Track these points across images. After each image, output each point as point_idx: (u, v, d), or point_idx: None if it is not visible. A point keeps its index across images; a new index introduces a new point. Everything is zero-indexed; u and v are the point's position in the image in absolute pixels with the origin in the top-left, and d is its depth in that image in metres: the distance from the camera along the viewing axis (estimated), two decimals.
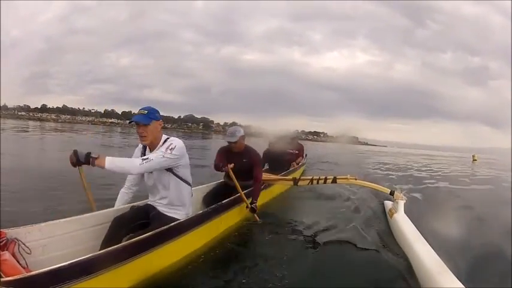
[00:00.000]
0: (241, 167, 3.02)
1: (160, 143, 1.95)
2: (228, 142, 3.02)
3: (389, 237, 2.78)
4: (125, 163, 1.76)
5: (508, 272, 2.18)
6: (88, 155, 1.67)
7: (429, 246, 2.17)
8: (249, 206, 2.89)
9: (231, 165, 2.84)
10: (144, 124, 1.86)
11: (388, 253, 2.43)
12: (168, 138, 1.98)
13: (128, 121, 1.98)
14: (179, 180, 1.99)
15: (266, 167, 5.00)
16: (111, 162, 1.67)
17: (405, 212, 2.98)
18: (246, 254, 2.32)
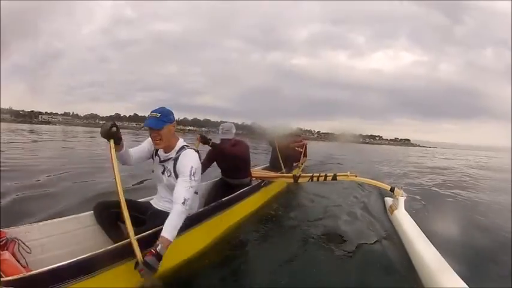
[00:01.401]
0: (233, 163, 3.02)
1: (176, 148, 1.92)
2: (223, 139, 2.96)
3: (389, 234, 2.78)
4: (178, 221, 1.69)
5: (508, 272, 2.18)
6: (158, 256, 1.54)
7: (430, 243, 2.16)
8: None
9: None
10: (157, 129, 1.83)
11: (388, 250, 2.43)
12: (183, 147, 1.92)
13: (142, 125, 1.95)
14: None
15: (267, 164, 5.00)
16: (172, 233, 1.63)
17: (405, 209, 2.98)
18: (247, 252, 2.33)
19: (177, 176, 1.85)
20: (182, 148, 1.93)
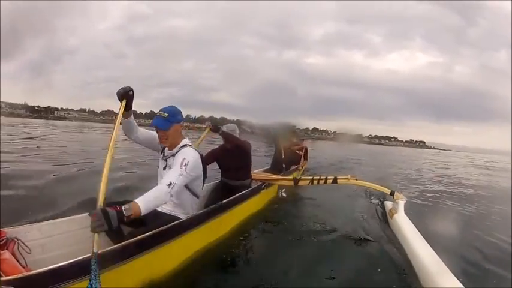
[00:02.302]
0: (236, 164, 3.04)
1: (178, 146, 1.94)
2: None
3: (389, 237, 2.78)
4: (157, 199, 1.60)
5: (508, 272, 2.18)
6: (119, 214, 1.40)
7: (429, 246, 2.17)
8: None
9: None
10: (163, 129, 1.84)
11: (388, 253, 2.43)
12: (185, 146, 1.94)
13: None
14: (188, 192, 1.99)
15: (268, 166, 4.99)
16: (145, 206, 1.50)
17: (405, 213, 2.98)
18: (247, 253, 2.32)
19: None
20: (183, 146, 1.95)
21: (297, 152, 5.45)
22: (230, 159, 3.03)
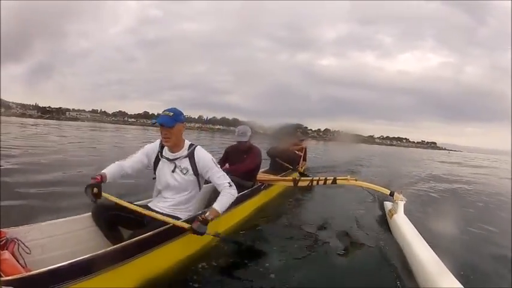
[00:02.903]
0: (243, 165, 3.10)
1: (185, 147, 2.00)
2: (239, 142, 3.09)
3: (388, 238, 2.78)
4: (229, 199, 1.97)
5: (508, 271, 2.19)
6: (206, 221, 1.80)
7: (429, 247, 2.17)
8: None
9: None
10: (168, 127, 1.87)
11: (387, 254, 2.43)
12: (192, 145, 2.02)
13: (153, 121, 1.99)
14: (198, 186, 2.05)
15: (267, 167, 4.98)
16: (222, 207, 1.92)
17: (405, 213, 2.98)
18: (249, 253, 2.32)
19: (195, 173, 1.99)
20: (191, 145, 2.02)
21: (296, 152, 5.44)
22: (239, 159, 3.12)
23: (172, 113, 1.89)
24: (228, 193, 1.96)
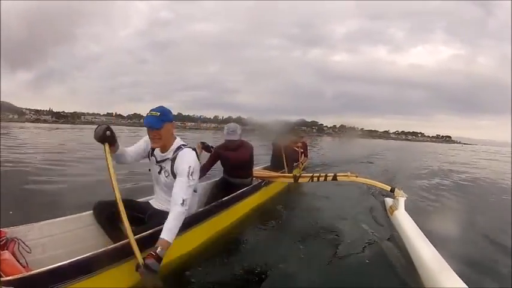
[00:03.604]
0: (238, 164, 3.06)
1: (172, 148, 1.90)
2: (229, 140, 2.96)
3: (389, 234, 2.78)
4: (177, 223, 1.70)
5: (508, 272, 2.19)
6: (159, 260, 1.54)
7: (430, 243, 2.16)
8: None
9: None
10: (156, 128, 1.80)
11: (388, 251, 2.43)
12: (180, 147, 1.90)
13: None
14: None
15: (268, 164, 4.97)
16: (171, 236, 1.64)
17: (406, 209, 2.97)
18: (247, 251, 2.33)
19: (175, 176, 1.84)
20: (179, 148, 1.90)
21: (296, 148, 5.41)
22: (232, 157, 3.03)
23: (159, 113, 1.80)
24: (176, 213, 1.70)
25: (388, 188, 3.27)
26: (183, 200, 1.72)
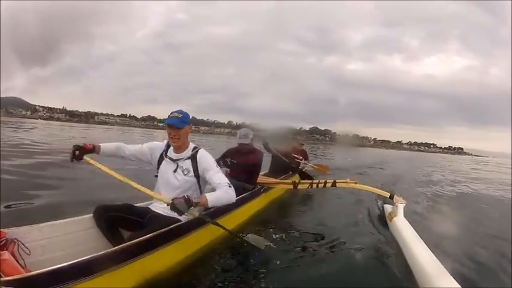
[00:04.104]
0: (244, 165, 3.15)
1: (189, 149, 2.06)
2: (240, 144, 3.12)
3: (388, 240, 2.78)
4: (223, 196, 1.93)
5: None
6: (190, 202, 1.74)
7: (428, 249, 2.17)
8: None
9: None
10: (177, 127, 1.93)
11: (387, 257, 2.43)
12: (196, 147, 2.08)
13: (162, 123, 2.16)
14: (198, 188, 2.07)
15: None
16: (213, 200, 1.87)
17: (405, 216, 2.98)
18: (250, 255, 2.32)
19: (196, 174, 2.02)
20: (195, 148, 2.08)
21: (295, 156, 5.41)
22: (241, 160, 3.16)
23: (181, 115, 1.96)
24: (226, 191, 1.93)
25: (388, 194, 3.29)
26: (229, 184, 1.96)
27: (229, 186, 1.96)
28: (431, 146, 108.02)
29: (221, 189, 1.93)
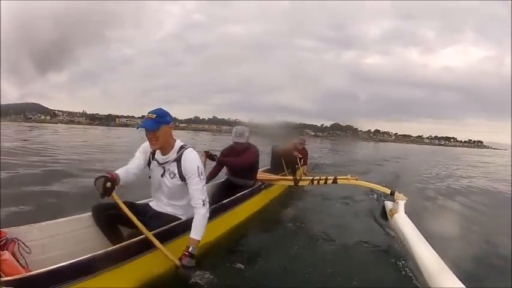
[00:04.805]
0: (241, 166, 3.09)
1: (175, 150, 1.90)
2: (236, 142, 3.05)
3: (389, 237, 2.78)
4: (203, 222, 1.85)
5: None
6: (193, 255, 1.75)
7: (430, 246, 2.16)
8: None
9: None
10: (152, 130, 1.80)
11: (388, 253, 2.43)
12: (183, 147, 1.92)
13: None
14: (187, 189, 1.96)
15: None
16: (200, 234, 1.82)
17: (405, 212, 2.97)
18: (247, 253, 2.32)
19: (181, 177, 1.88)
20: (181, 148, 1.91)
21: (295, 154, 5.32)
22: (237, 161, 3.09)
23: (155, 115, 1.81)
24: (200, 215, 1.83)
25: (388, 191, 3.28)
26: (203, 201, 1.85)
27: (203, 204, 1.85)
28: (452, 140, 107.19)
29: (196, 216, 1.84)
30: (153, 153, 1.97)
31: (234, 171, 3.21)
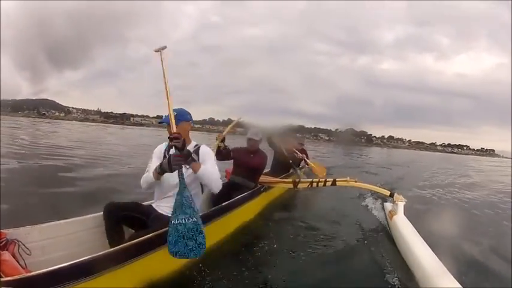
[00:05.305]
0: (249, 165, 3.22)
1: (191, 145, 2.04)
2: (250, 139, 3.23)
3: (388, 239, 2.78)
4: (212, 174, 1.91)
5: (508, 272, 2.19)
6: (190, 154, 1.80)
7: (429, 248, 2.17)
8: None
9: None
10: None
11: (387, 255, 2.43)
12: (198, 145, 2.07)
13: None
14: (200, 185, 2.04)
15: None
16: (203, 170, 1.85)
17: (405, 214, 2.98)
18: (247, 255, 2.32)
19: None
20: (197, 145, 2.08)
21: (296, 154, 5.32)
22: (246, 159, 3.23)
23: (176, 113, 1.94)
24: (216, 179, 1.93)
25: (388, 192, 3.28)
26: (220, 177, 1.95)
27: (220, 179, 1.97)
28: (465, 148, 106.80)
29: (212, 169, 1.95)
30: (167, 150, 2.05)
31: (239, 171, 3.28)
